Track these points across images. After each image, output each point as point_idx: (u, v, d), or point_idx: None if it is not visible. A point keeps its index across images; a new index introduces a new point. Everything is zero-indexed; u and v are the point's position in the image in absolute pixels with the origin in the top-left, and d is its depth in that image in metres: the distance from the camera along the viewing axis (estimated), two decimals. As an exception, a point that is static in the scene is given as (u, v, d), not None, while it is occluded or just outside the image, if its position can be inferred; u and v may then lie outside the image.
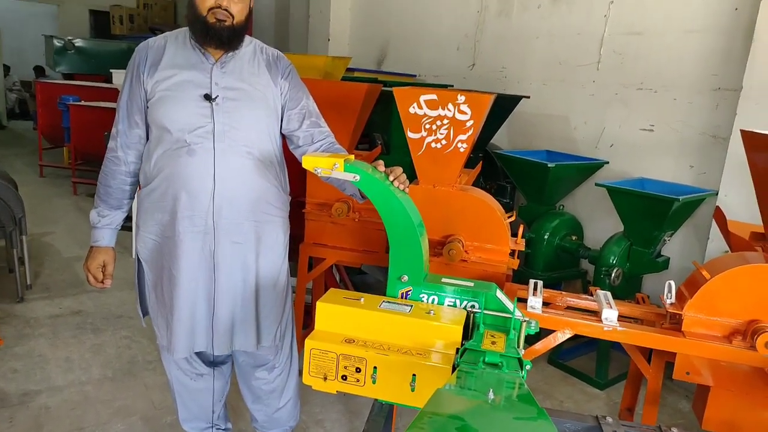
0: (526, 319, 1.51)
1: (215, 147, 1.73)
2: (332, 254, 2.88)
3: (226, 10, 1.67)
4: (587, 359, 3.32)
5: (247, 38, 1.82)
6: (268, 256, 1.91)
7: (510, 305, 1.57)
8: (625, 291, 3.15)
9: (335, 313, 1.54)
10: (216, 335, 1.86)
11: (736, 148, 2.90)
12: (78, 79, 8.48)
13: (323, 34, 6.51)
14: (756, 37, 2.81)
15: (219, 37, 1.70)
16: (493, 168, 3.94)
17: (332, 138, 1.97)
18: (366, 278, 4.30)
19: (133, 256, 1.94)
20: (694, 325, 1.81)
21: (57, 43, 9.24)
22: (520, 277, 3.24)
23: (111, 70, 5.48)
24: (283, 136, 1.96)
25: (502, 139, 4.35)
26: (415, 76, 5.34)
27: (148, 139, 1.83)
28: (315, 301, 3.26)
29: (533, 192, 3.53)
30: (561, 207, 3.59)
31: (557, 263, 3.46)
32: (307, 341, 1.47)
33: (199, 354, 2.00)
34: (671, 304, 1.87)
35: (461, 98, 2.10)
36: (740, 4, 3.03)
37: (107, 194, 1.86)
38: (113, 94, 6.55)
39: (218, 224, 1.78)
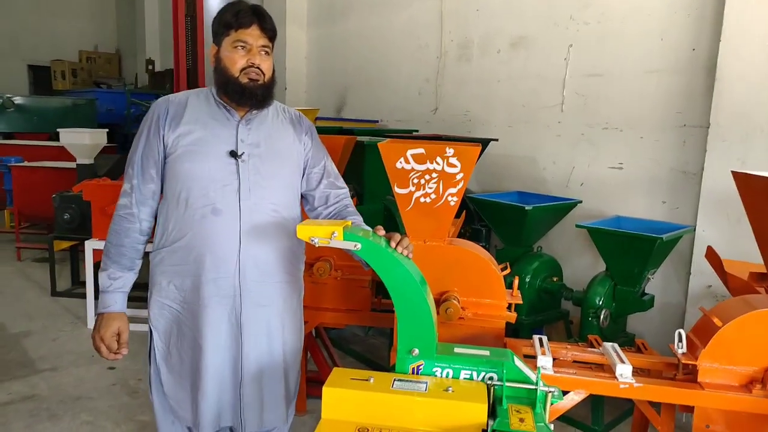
0: (551, 389, 1.41)
1: (240, 205, 1.65)
2: (314, 316, 2.73)
3: (258, 67, 1.64)
4: (580, 404, 3.22)
5: None
6: (291, 321, 1.82)
7: (531, 374, 1.46)
8: (613, 332, 3.10)
9: (344, 399, 1.39)
10: (246, 409, 1.72)
11: (711, 184, 2.95)
12: (19, 139, 8.06)
13: (279, 83, 6.42)
14: (718, 77, 2.90)
15: (254, 96, 1.66)
16: (467, 212, 3.89)
17: (348, 200, 1.90)
18: (342, 332, 4.11)
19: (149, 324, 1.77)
20: (710, 375, 1.75)
21: (-6, 101, 8.79)
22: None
23: (58, 130, 5.18)
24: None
25: (472, 182, 4.33)
26: (377, 121, 5.32)
27: (161, 195, 1.73)
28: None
29: (510, 235, 3.48)
30: (539, 248, 3.55)
31: (540, 306, 3.39)
32: (316, 436, 1.31)
33: None
34: (683, 353, 1.81)
35: (450, 151, 2.03)
36: (697, 44, 3.14)
37: (119, 254, 1.71)
38: (60, 153, 6.22)
39: (243, 287, 1.68)
